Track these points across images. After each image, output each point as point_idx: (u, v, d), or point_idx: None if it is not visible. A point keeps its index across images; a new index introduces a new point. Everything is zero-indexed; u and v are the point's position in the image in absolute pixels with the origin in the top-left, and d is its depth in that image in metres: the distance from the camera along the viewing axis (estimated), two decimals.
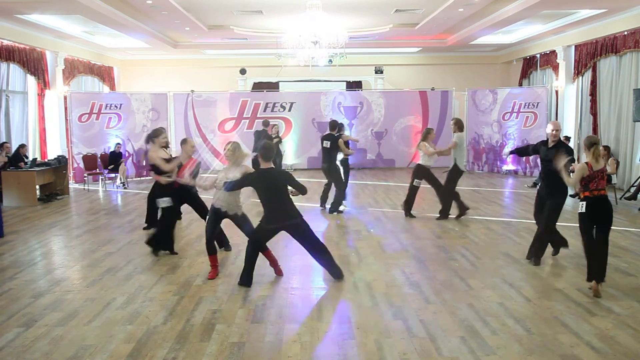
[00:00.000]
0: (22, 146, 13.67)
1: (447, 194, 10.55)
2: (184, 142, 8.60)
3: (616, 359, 4.64)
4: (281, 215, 6.63)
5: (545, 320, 5.47)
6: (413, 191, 10.73)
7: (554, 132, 7.24)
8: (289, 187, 6.64)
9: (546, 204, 7.28)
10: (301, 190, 6.62)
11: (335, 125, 11.20)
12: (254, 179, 6.80)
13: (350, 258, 7.83)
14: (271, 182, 6.63)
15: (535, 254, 7.48)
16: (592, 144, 6.34)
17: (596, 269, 6.19)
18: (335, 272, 6.85)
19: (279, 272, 7.05)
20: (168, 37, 18.07)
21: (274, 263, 7.07)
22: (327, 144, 11.02)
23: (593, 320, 5.44)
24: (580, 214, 6.33)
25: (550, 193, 7.20)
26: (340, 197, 11.29)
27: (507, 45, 19.65)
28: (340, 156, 11.42)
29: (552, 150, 7.09)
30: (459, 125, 10.50)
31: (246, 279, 6.67)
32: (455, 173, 10.54)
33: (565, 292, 6.29)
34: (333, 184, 11.34)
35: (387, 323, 5.45)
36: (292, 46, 13.13)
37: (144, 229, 9.72)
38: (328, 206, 11.35)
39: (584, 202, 6.28)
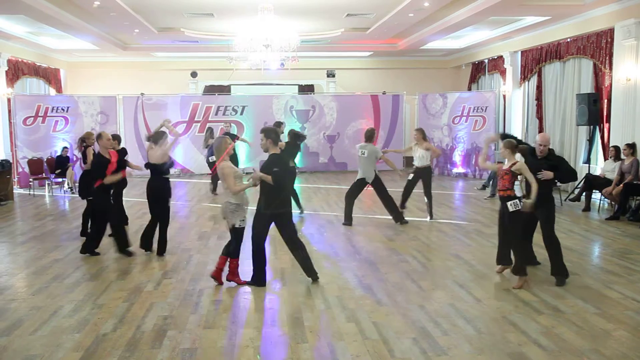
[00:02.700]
0: None
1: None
2: (99, 137, 8.41)
3: (561, 356, 4.78)
4: (283, 201, 6.75)
5: (494, 320, 5.59)
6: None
7: (541, 147, 6.98)
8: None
9: (537, 215, 6.94)
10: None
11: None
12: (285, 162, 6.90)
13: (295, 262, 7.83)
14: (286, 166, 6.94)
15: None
16: (514, 146, 6.90)
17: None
18: (314, 271, 6.95)
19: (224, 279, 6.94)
20: (117, 39, 17.72)
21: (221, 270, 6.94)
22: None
23: (540, 319, 5.59)
24: (516, 212, 6.64)
25: (539, 203, 6.71)
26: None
27: (457, 50, 20.04)
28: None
29: (541, 162, 6.94)
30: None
31: (262, 279, 6.73)
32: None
33: (514, 292, 6.44)
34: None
35: (339, 326, 5.47)
36: (244, 49, 13.07)
37: (110, 235, 9.38)
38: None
39: (517, 200, 6.67)
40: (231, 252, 6.80)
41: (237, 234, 6.75)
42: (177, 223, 10.81)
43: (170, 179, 8.48)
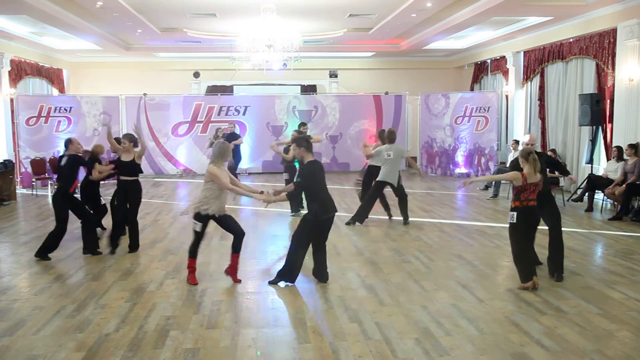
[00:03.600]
0: None
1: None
2: (69, 142, 8.55)
3: (564, 356, 4.77)
4: (333, 205, 6.88)
5: (497, 321, 5.58)
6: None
7: (528, 145, 6.97)
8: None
9: (544, 214, 6.95)
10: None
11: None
12: (318, 169, 6.88)
13: (305, 262, 7.81)
14: (323, 172, 6.94)
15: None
16: (528, 154, 6.46)
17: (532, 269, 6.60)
18: (323, 275, 6.96)
19: (235, 279, 6.97)
20: (120, 39, 17.73)
21: (234, 269, 6.99)
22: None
23: (543, 319, 5.58)
24: (512, 224, 6.54)
25: (539, 203, 6.68)
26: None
27: (459, 51, 20.02)
28: None
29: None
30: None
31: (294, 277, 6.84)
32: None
33: (516, 293, 6.43)
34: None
35: (342, 326, 5.47)
36: (246, 49, 13.07)
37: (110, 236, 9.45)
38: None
39: (515, 213, 6.49)
40: (189, 251, 6.94)
41: (195, 234, 6.87)
42: (179, 223, 10.83)
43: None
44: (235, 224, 6.95)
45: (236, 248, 6.88)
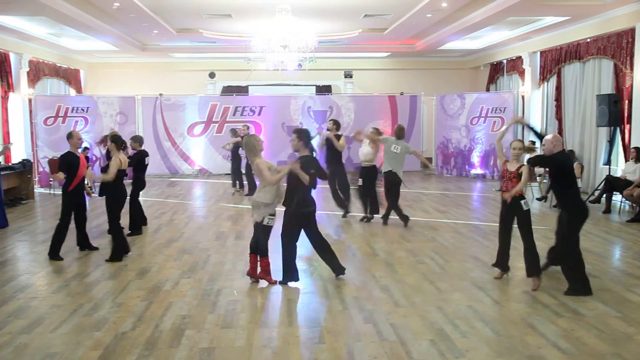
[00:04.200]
0: None
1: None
2: (69, 136, 8.53)
3: (581, 359, 4.74)
4: (313, 200, 6.96)
5: (513, 322, 5.55)
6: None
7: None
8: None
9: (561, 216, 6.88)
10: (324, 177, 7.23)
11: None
12: (313, 163, 6.92)
13: (321, 262, 7.82)
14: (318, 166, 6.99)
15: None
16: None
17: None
18: (341, 267, 7.05)
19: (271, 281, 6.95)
20: (136, 40, 17.86)
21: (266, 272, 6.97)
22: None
23: (559, 322, 5.53)
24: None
25: (560, 204, 6.90)
26: None
27: (475, 51, 19.92)
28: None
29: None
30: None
31: (296, 275, 6.88)
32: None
33: (533, 295, 6.38)
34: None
35: (357, 327, 5.46)
36: (262, 50, 13.11)
37: (128, 235, 9.50)
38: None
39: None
40: (260, 251, 6.85)
41: (264, 231, 6.80)
42: (195, 223, 10.89)
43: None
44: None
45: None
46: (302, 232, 6.95)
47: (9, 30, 14.36)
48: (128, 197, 9.05)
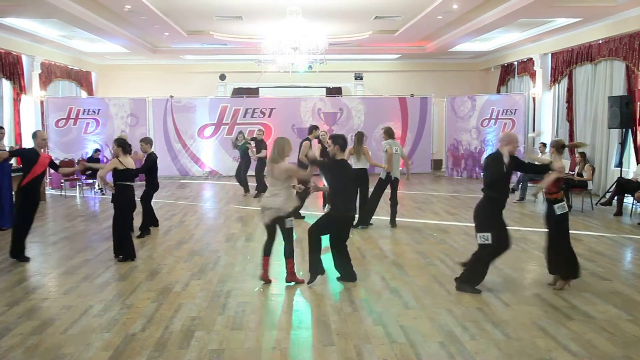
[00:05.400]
0: None
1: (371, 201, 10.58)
2: (34, 135, 8.45)
3: None
4: (353, 206, 7.02)
5: (523, 325, 5.51)
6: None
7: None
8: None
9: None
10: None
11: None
12: (342, 167, 7.01)
13: (330, 264, 7.82)
14: (351, 170, 7.11)
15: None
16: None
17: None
18: (354, 274, 7.01)
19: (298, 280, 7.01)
20: (147, 42, 17.96)
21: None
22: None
23: (570, 325, 5.50)
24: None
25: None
26: None
27: (486, 53, 19.86)
28: None
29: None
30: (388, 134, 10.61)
31: (321, 268, 6.89)
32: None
33: (543, 297, 6.35)
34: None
35: (367, 329, 5.45)
36: (272, 52, 13.14)
37: (138, 237, 9.58)
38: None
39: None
40: (286, 253, 6.91)
41: (289, 234, 6.86)
42: (205, 225, 10.92)
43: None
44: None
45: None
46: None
47: (22, 32, 14.48)
48: (138, 199, 9.11)
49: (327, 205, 10.97)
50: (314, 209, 11.68)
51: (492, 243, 6.44)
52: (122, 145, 8.34)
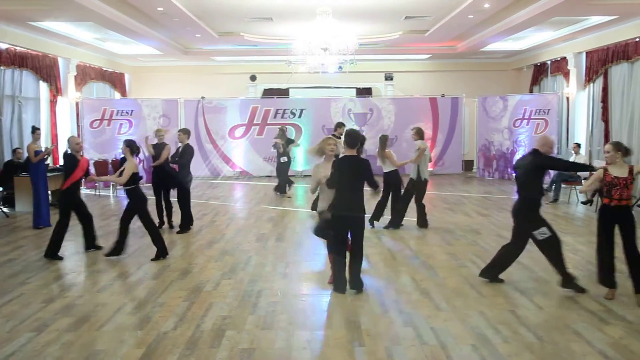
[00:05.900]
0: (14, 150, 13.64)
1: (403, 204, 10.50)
2: (68, 142, 8.95)
3: None
4: (353, 205, 6.56)
5: (557, 329, 5.43)
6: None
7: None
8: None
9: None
10: (373, 185, 6.69)
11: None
12: (340, 164, 6.67)
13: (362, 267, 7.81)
14: (353, 168, 6.61)
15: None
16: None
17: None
18: (356, 282, 6.66)
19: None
20: (179, 44, 18.16)
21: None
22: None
23: (606, 329, 5.39)
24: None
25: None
26: None
27: (518, 52, 19.60)
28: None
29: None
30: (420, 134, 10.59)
31: (342, 285, 6.61)
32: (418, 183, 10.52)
33: (577, 300, 6.24)
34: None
35: (397, 330, 5.43)
36: (302, 53, 13.17)
37: (178, 232, 10.15)
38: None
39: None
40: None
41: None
42: (236, 224, 11.00)
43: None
44: None
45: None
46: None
47: (58, 35, 14.76)
48: (174, 198, 9.25)
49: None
50: None
51: (551, 234, 6.52)
52: (131, 146, 8.45)
